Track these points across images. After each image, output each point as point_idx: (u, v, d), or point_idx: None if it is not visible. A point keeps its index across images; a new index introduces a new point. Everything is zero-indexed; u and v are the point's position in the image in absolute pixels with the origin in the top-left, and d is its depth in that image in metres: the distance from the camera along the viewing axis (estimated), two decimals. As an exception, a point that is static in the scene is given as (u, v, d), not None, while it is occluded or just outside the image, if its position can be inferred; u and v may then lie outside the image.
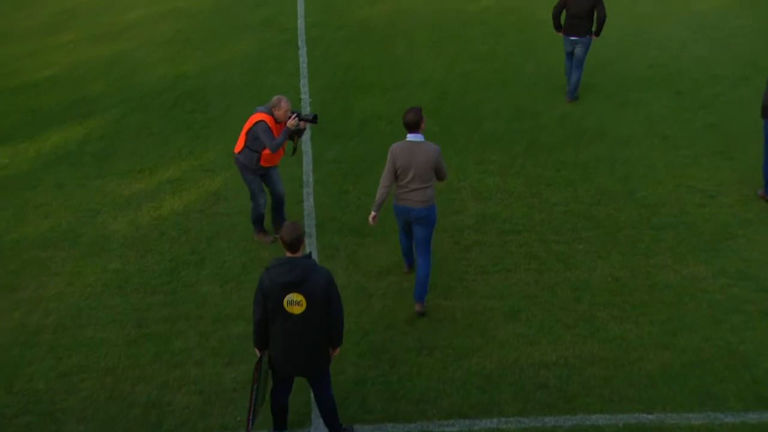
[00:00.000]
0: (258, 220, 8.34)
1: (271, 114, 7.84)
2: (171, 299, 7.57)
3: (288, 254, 5.57)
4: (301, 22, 13.89)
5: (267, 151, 7.88)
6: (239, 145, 8.01)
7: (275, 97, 7.85)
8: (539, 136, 10.28)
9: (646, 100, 11.10)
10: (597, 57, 12.29)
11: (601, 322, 7.23)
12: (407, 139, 7.13)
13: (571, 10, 10.50)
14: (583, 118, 10.69)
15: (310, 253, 5.71)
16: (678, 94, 11.18)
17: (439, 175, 7.19)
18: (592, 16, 10.50)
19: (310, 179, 9.40)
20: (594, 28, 10.87)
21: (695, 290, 7.59)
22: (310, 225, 8.56)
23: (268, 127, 7.77)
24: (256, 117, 7.81)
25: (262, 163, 8.00)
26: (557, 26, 10.76)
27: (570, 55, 10.96)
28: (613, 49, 12.56)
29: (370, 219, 7.23)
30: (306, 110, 10.90)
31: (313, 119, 7.89)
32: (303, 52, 12.73)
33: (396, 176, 7.14)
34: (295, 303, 5.50)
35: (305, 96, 11.33)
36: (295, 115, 7.82)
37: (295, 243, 5.52)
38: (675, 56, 12.29)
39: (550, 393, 6.55)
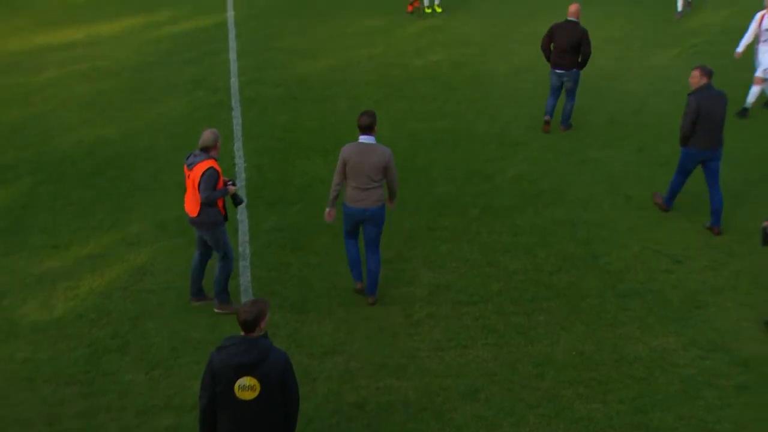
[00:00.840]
0: (227, 285, 8.40)
1: (213, 158, 8.00)
2: (89, 390, 7.43)
3: (242, 333, 5.58)
4: (234, 81, 14.13)
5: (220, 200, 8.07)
6: (193, 205, 8.05)
7: (208, 133, 7.95)
8: (494, 199, 10.56)
9: (606, 157, 11.53)
10: (555, 113, 12.75)
11: (567, 401, 7.34)
12: (360, 140, 8.11)
13: (557, 44, 11.68)
14: (540, 179, 11.03)
15: (266, 332, 5.72)
16: (640, 151, 11.64)
17: (390, 179, 8.15)
18: (578, 49, 11.59)
19: (247, 251, 9.44)
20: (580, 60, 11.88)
21: (666, 364, 7.78)
22: (248, 301, 8.56)
23: (216, 174, 7.93)
24: (203, 165, 7.89)
25: (223, 211, 8.19)
26: (547, 58, 11.91)
27: (556, 89, 11.91)
28: (570, 104, 13.07)
29: (326, 215, 8.36)
30: (241, 177, 11.02)
31: (237, 201, 8.19)
32: (237, 113, 12.92)
33: (347, 177, 8.09)
34: (247, 388, 5.48)
35: (240, 161, 11.45)
36: (231, 182, 8.10)
37: (253, 323, 5.54)
38: (636, 111, 12.84)
39: (513, 481, 6.57)
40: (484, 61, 14.84)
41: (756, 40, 12.33)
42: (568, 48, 11.61)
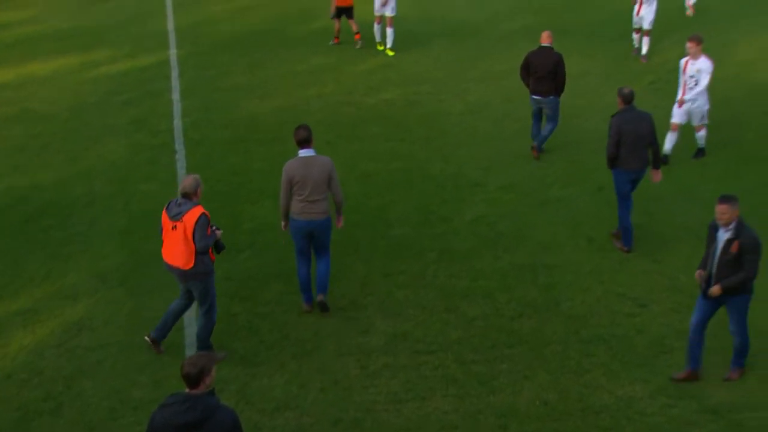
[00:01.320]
0: (209, 339, 8.37)
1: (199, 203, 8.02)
2: (20, 457, 7.22)
3: (187, 390, 5.48)
4: (177, 122, 14.10)
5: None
6: (186, 257, 7.97)
7: (189, 179, 7.98)
8: (452, 242, 10.63)
9: (567, 197, 11.72)
10: (513, 153, 12.97)
11: (532, 453, 7.35)
12: (300, 155, 8.75)
13: (533, 71, 12.39)
14: (499, 221, 11.15)
15: (214, 389, 5.63)
16: (600, 191, 11.86)
17: (334, 187, 8.77)
18: (555, 75, 12.29)
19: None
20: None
21: (633, 413, 7.85)
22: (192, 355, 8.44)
23: (208, 220, 7.97)
24: (195, 213, 7.88)
25: (213, 258, 8.20)
26: (527, 85, 12.66)
27: (536, 114, 12.66)
28: (530, 142, 13.28)
29: (283, 227, 9.01)
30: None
31: (221, 247, 8.24)
32: (181, 156, 12.87)
33: (293, 192, 8.69)
34: (192, 449, 5.38)
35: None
36: (216, 227, 8.23)
37: (197, 378, 5.45)
38: (595, 150, 13.08)
39: None
40: (439, 100, 15.06)
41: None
42: (545, 74, 12.31)
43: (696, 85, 12.11)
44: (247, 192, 11.75)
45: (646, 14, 16.38)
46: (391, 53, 17.18)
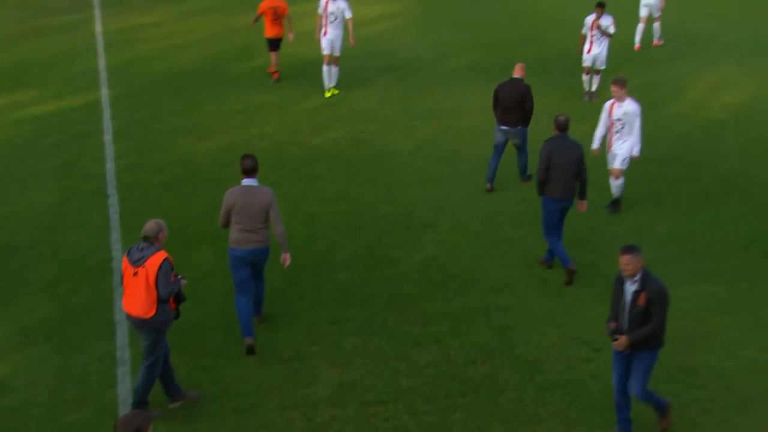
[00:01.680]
0: (147, 395, 8.29)
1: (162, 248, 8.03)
2: None
3: None
4: (110, 166, 14.04)
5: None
6: (147, 305, 7.90)
7: (151, 223, 8.00)
8: (401, 286, 10.72)
9: (519, 237, 11.92)
10: (463, 193, 13.17)
11: (487, 506, 7.39)
12: (243, 183, 9.22)
13: (501, 101, 12.93)
14: (450, 263, 11.29)
15: None
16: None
17: (274, 218, 9.12)
18: (523, 106, 12.80)
19: (126, 356, 9.25)
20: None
21: (590, 458, 7.95)
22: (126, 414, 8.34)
23: (170, 266, 7.97)
24: (158, 258, 7.86)
25: (174, 306, 8.19)
26: (495, 115, 13.18)
27: (499, 146, 12.77)
28: (480, 181, 13.52)
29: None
30: (118, 273, 10.86)
31: (182, 298, 8.28)
32: (114, 201, 12.80)
33: (232, 221, 9.09)
34: None
35: (117, 253, 11.30)
36: (181, 275, 8.25)
37: None
38: (547, 188, 13.36)
39: None
40: (386, 138, 15.26)
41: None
42: (512, 105, 12.84)
43: (623, 128, 12.04)
44: (185, 238, 11.72)
45: (598, 53, 16.51)
46: (335, 92, 17.35)
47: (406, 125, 15.87)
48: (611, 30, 16.38)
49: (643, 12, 19.99)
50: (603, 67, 16.72)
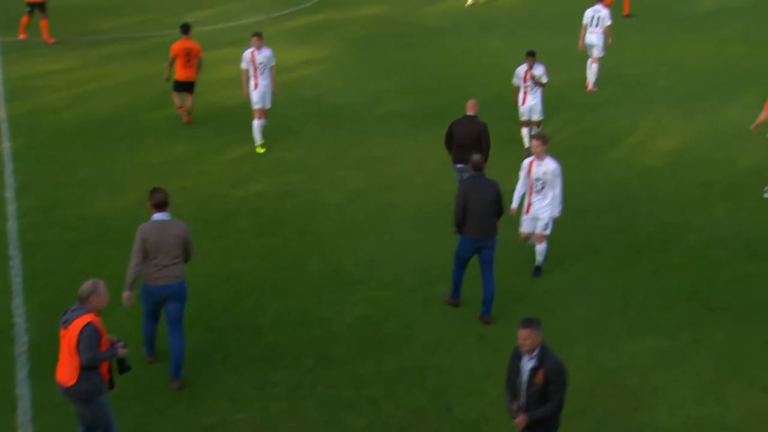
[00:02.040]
0: None
1: (93, 311, 7.93)
2: None
3: None
4: (12, 225, 13.81)
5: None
6: (69, 372, 7.78)
7: (88, 283, 7.96)
8: (332, 347, 10.76)
9: (460, 299, 12.05)
10: (396, 246, 13.32)
11: None
12: (154, 218, 9.62)
13: (457, 139, 13.53)
14: (383, 321, 11.38)
15: None
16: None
17: (188, 251, 9.74)
18: (479, 144, 13.31)
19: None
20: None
21: None
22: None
23: (97, 331, 7.81)
24: (81, 321, 7.76)
25: (108, 376, 8.11)
26: (450, 154, 13.76)
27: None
28: (414, 233, 13.69)
29: (125, 300, 9.63)
30: (22, 340, 10.67)
31: (125, 367, 8.28)
32: (16, 263, 12.59)
33: (146, 256, 9.46)
34: None
35: (20, 319, 11.11)
36: (122, 343, 8.24)
37: None
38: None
39: None
40: (314, 190, 15.36)
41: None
42: (468, 142, 13.40)
43: (543, 187, 12.01)
44: (97, 299, 11.56)
45: (533, 105, 16.59)
46: (262, 150, 17.15)
47: (335, 175, 16.01)
48: (544, 79, 16.58)
49: (590, 51, 20.63)
50: (540, 118, 16.79)
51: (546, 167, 11.99)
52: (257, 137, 17.07)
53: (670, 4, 28.61)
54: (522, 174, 12.18)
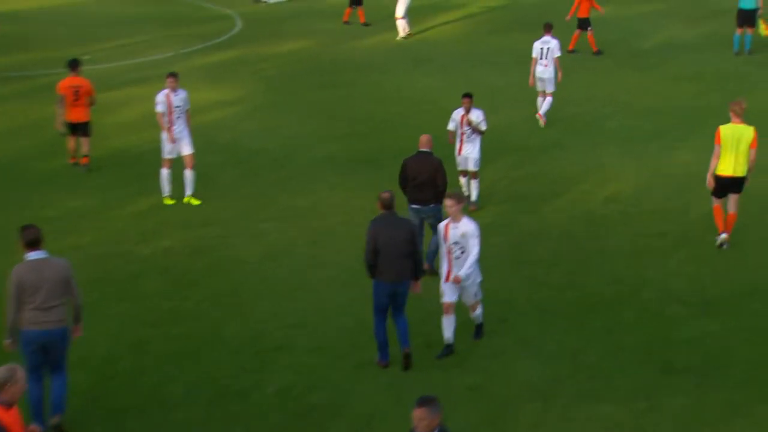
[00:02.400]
0: None
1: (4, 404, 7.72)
2: None
3: None
4: None
5: None
6: None
7: (2, 369, 7.70)
8: (251, 423, 10.65)
9: (389, 358, 12.05)
10: (322, 307, 13.28)
11: None
12: (29, 258, 9.77)
13: (411, 178, 13.77)
14: (308, 392, 11.32)
15: None
16: (429, 348, 12.28)
17: (74, 293, 9.94)
18: (435, 182, 13.62)
19: None
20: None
21: None
22: None
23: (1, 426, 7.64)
24: None
25: None
26: (405, 194, 13.94)
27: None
28: (342, 293, 13.68)
29: (6, 346, 9.77)
30: None
31: None
32: None
33: (23, 300, 9.58)
34: None
35: None
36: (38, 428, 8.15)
37: None
38: (413, 307, 13.53)
39: None
40: (230, 245, 15.27)
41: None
42: (424, 180, 13.73)
43: (462, 252, 11.71)
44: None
45: (469, 154, 16.33)
46: (196, 202, 16.98)
47: (254, 229, 15.95)
48: (483, 126, 16.24)
49: (539, 86, 21.08)
50: (476, 169, 16.41)
51: (463, 229, 11.66)
52: (165, 188, 16.95)
53: (618, 40, 29.26)
54: (439, 241, 12.08)
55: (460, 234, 11.66)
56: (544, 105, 21.23)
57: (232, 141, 20.50)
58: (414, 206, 13.90)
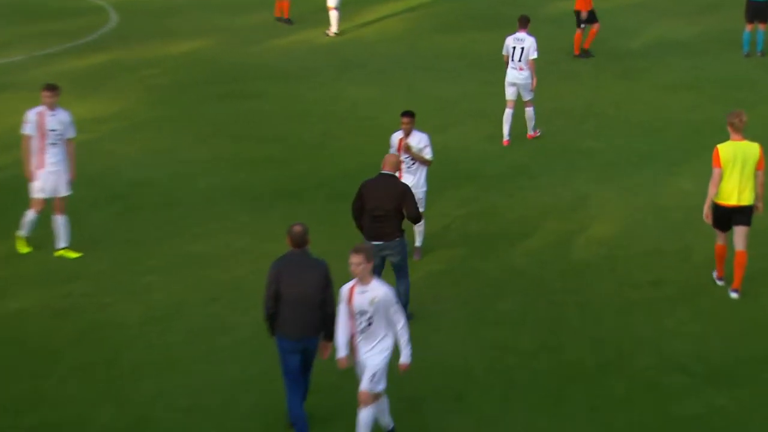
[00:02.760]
0: None
1: None
2: None
3: None
4: None
5: None
6: None
7: None
8: None
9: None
10: (225, 382, 13.18)
11: None
12: None
13: (370, 207, 13.80)
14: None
15: None
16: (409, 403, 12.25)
17: None
18: (400, 212, 13.73)
19: None
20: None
21: None
22: None
23: None
24: None
25: None
26: (360, 227, 14.11)
27: (376, 267, 12.44)
28: (251, 364, 13.58)
29: None
30: None
31: None
32: None
33: None
34: None
35: None
36: None
37: None
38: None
39: None
40: (104, 305, 15.13)
41: None
42: (389, 210, 13.78)
43: (369, 326, 11.46)
44: None
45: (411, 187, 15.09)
46: (73, 255, 16.79)
47: (136, 283, 15.83)
48: (428, 155, 15.94)
49: (510, 93, 20.98)
50: (421, 210, 15.22)
51: (373, 294, 11.34)
52: (25, 228, 16.74)
53: (599, 39, 29.12)
54: (341, 308, 11.56)
55: (368, 301, 11.34)
56: (528, 120, 21.24)
57: (107, 170, 20.30)
58: (375, 243, 13.78)
